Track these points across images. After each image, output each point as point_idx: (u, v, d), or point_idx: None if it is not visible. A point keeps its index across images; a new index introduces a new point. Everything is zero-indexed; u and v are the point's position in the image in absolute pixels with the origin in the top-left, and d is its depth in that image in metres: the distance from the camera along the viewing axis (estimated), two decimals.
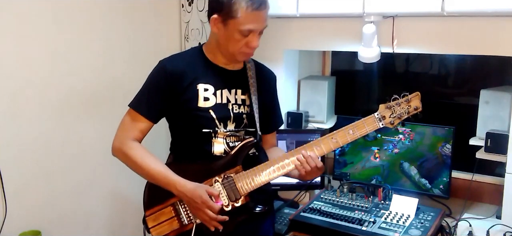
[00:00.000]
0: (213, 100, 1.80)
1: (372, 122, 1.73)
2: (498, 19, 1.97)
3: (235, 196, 1.76)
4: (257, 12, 1.71)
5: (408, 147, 2.28)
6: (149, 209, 1.82)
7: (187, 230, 1.78)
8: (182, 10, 2.96)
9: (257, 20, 1.72)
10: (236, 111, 1.83)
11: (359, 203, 2.18)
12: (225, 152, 1.81)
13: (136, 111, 1.81)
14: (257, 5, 1.70)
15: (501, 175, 2.18)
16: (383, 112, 1.73)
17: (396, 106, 1.72)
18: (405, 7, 2.04)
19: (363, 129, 1.73)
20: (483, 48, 2.04)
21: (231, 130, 1.82)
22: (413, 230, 1.94)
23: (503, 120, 2.13)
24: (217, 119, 1.80)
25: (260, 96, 1.89)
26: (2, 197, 2.20)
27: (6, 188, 2.20)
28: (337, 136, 1.75)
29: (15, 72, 2.21)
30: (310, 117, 2.67)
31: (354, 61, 2.82)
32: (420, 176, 2.26)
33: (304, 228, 2.06)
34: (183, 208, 1.79)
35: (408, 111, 1.72)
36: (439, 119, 2.30)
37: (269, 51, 2.53)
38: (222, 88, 1.82)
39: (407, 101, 1.72)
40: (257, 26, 1.73)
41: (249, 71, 1.89)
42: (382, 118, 1.73)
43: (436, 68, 2.68)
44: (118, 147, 1.83)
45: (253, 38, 1.75)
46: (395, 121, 1.73)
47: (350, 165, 2.42)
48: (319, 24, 2.39)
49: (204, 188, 1.72)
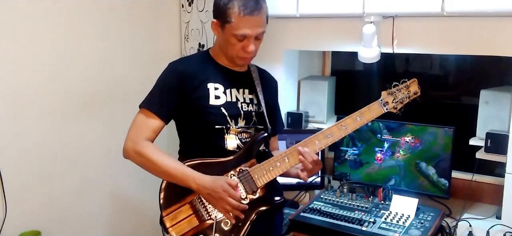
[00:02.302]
0: (224, 98, 1.84)
1: (377, 108, 1.82)
2: (498, 19, 1.97)
3: (251, 188, 1.79)
4: (250, 17, 1.73)
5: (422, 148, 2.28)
6: (166, 209, 1.80)
7: (206, 227, 1.78)
8: (182, 10, 2.96)
9: (250, 25, 1.74)
10: (245, 109, 1.87)
11: (359, 203, 2.18)
12: (238, 148, 1.83)
13: (149, 110, 1.82)
14: (249, 10, 1.72)
15: (501, 175, 2.18)
16: (386, 98, 1.82)
17: (397, 91, 1.82)
18: (405, 7, 2.04)
19: (369, 115, 1.82)
20: (483, 48, 2.04)
21: (242, 126, 1.86)
22: (413, 230, 1.94)
23: (503, 120, 2.13)
24: (229, 116, 1.83)
25: (266, 97, 1.94)
26: (2, 197, 2.20)
27: (6, 188, 2.20)
28: (346, 123, 1.81)
29: (15, 73, 2.21)
30: (310, 117, 2.67)
31: (354, 61, 2.82)
32: (438, 176, 2.25)
33: (304, 228, 2.06)
34: (202, 205, 1.79)
35: (408, 96, 1.81)
36: (439, 119, 2.30)
37: (269, 51, 2.53)
38: (231, 87, 1.87)
39: (406, 87, 1.82)
40: (251, 31, 1.75)
41: (253, 73, 1.95)
42: (385, 103, 1.82)
43: (436, 68, 2.68)
44: (131, 147, 1.81)
45: (249, 43, 1.77)
46: (398, 105, 1.82)
47: (366, 165, 2.42)
48: (319, 24, 2.39)
49: (224, 179, 1.74)
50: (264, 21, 1.79)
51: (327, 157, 2.66)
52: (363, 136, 2.39)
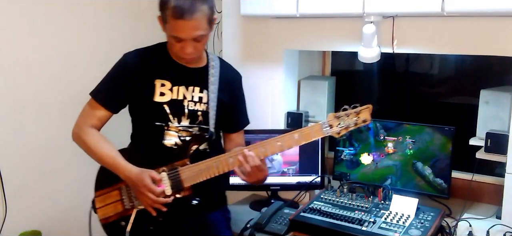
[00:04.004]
0: (169, 95, 1.86)
1: (318, 130, 1.73)
2: (498, 19, 1.97)
3: (177, 187, 1.81)
4: (181, 21, 1.68)
5: (419, 148, 2.28)
6: (98, 190, 1.93)
7: (128, 215, 1.86)
8: None
9: (184, 29, 1.70)
10: (191, 108, 1.87)
11: (359, 203, 2.18)
12: (176, 145, 1.86)
13: (95, 100, 1.89)
14: (179, 14, 1.67)
15: (501, 175, 2.18)
16: (331, 121, 1.72)
17: (345, 116, 1.70)
18: (405, 7, 2.04)
19: (309, 136, 1.73)
20: (483, 48, 2.04)
21: (185, 126, 1.87)
22: (413, 230, 1.94)
23: (503, 120, 2.13)
24: (171, 114, 1.85)
25: (221, 95, 1.91)
26: (2, 197, 2.20)
27: (6, 188, 2.20)
28: (283, 140, 1.75)
29: (15, 72, 2.21)
30: (310, 117, 2.67)
31: (354, 61, 2.82)
32: (435, 176, 2.25)
33: (304, 228, 2.06)
34: (128, 193, 1.87)
35: (356, 123, 1.70)
36: (439, 119, 2.30)
37: (269, 51, 2.53)
38: (179, 84, 1.87)
39: (356, 113, 1.70)
40: (183, 35, 1.71)
41: (212, 69, 1.92)
42: (329, 126, 1.72)
43: (436, 68, 2.68)
44: (76, 133, 1.92)
45: (186, 45, 1.75)
46: (342, 131, 1.71)
47: (363, 165, 2.41)
48: (319, 24, 2.39)
49: (148, 173, 1.78)
50: (201, 24, 1.71)
51: (327, 157, 2.67)
52: (359, 136, 2.39)
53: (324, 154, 2.51)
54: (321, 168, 2.48)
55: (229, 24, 2.65)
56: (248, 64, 2.60)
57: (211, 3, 1.76)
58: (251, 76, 2.56)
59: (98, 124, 1.92)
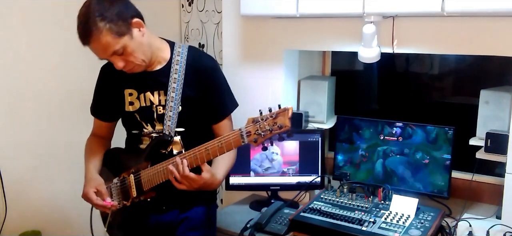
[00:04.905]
0: (137, 104, 1.90)
1: (237, 138, 1.60)
2: (498, 19, 1.97)
3: (139, 190, 1.86)
4: (88, 46, 1.72)
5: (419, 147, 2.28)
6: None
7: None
8: (182, 10, 2.97)
9: (95, 52, 1.75)
10: (160, 113, 1.89)
11: (359, 203, 2.18)
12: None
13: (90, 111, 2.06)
14: (82, 41, 1.71)
15: (501, 175, 2.18)
16: (250, 127, 1.56)
17: (262, 121, 1.53)
18: (405, 7, 2.04)
19: (229, 144, 1.63)
20: (483, 48, 2.04)
21: (159, 131, 1.89)
22: (413, 230, 1.94)
23: (503, 120, 2.13)
24: (143, 121, 1.90)
25: (188, 91, 1.87)
26: (2, 197, 2.21)
27: (6, 188, 2.20)
28: (209, 147, 1.67)
29: (15, 72, 2.21)
30: (310, 117, 2.67)
31: (354, 61, 2.82)
32: (436, 176, 2.25)
33: (304, 228, 2.06)
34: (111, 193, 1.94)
35: (271, 130, 1.51)
36: (439, 119, 2.30)
37: (269, 51, 2.53)
38: (144, 91, 1.90)
39: (272, 117, 1.51)
40: (99, 56, 1.75)
41: (175, 65, 1.87)
42: (247, 134, 1.56)
43: (436, 68, 2.68)
44: None
45: (113, 61, 1.75)
46: (259, 139, 1.54)
47: (363, 164, 2.42)
48: (319, 24, 2.39)
49: (95, 184, 1.88)
50: (107, 41, 1.65)
51: (327, 157, 2.67)
52: (360, 136, 2.39)
53: (324, 154, 2.51)
54: (321, 168, 2.48)
55: (229, 24, 2.65)
56: (248, 64, 2.60)
57: (111, 16, 1.65)
58: (251, 76, 2.56)
59: (98, 132, 2.08)
